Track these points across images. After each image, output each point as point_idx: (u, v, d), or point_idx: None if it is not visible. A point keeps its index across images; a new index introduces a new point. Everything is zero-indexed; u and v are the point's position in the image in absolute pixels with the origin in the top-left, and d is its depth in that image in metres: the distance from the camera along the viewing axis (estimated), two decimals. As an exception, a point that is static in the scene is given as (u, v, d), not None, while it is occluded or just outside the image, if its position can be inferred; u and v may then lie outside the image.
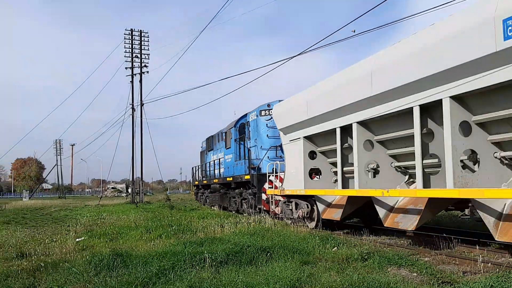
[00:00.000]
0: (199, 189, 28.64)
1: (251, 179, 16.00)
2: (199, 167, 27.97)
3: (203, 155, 27.20)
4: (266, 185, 14.59)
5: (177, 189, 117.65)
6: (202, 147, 27.49)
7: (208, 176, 24.42)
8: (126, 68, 36.99)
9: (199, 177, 27.82)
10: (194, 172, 29.80)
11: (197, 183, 28.49)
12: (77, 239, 10.62)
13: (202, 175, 26.42)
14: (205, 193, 25.74)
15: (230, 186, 19.20)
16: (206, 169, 25.05)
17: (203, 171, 26.10)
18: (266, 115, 16.38)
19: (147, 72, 37.24)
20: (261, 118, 16.53)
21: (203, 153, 27.01)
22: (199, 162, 28.42)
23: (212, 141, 23.83)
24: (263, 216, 12.99)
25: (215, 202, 22.55)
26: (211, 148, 24.03)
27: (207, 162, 24.72)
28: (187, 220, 13.87)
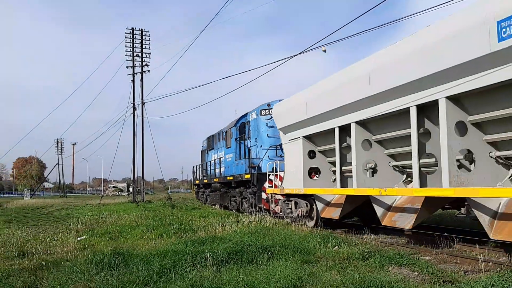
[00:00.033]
0: (200, 188, 28.70)
1: (251, 178, 16.09)
2: (200, 166, 28.01)
3: (203, 154, 27.25)
4: (266, 184, 14.67)
5: (178, 188, 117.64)
6: (203, 146, 27.55)
7: (208, 175, 24.48)
8: (127, 67, 37.20)
9: (200, 176, 27.86)
10: (195, 171, 29.85)
11: (198, 182, 28.57)
12: (78, 238, 10.68)
13: (203, 174, 26.46)
14: (206, 192, 25.81)
15: (231, 185, 19.30)
16: (206, 168, 25.10)
17: (204, 170, 26.14)
18: (266, 114, 16.44)
19: (148, 71, 37.49)
20: (261, 118, 16.60)
21: (204, 152, 27.06)
22: (200, 161, 28.48)
23: (212, 140, 23.90)
24: (264, 215, 13.07)
25: (216, 201, 22.62)
26: (212, 147, 24.10)
27: (208, 161, 24.78)
28: (188, 219, 13.89)
